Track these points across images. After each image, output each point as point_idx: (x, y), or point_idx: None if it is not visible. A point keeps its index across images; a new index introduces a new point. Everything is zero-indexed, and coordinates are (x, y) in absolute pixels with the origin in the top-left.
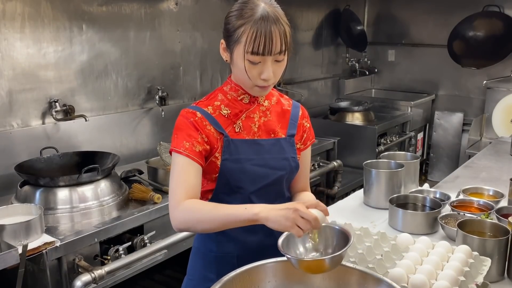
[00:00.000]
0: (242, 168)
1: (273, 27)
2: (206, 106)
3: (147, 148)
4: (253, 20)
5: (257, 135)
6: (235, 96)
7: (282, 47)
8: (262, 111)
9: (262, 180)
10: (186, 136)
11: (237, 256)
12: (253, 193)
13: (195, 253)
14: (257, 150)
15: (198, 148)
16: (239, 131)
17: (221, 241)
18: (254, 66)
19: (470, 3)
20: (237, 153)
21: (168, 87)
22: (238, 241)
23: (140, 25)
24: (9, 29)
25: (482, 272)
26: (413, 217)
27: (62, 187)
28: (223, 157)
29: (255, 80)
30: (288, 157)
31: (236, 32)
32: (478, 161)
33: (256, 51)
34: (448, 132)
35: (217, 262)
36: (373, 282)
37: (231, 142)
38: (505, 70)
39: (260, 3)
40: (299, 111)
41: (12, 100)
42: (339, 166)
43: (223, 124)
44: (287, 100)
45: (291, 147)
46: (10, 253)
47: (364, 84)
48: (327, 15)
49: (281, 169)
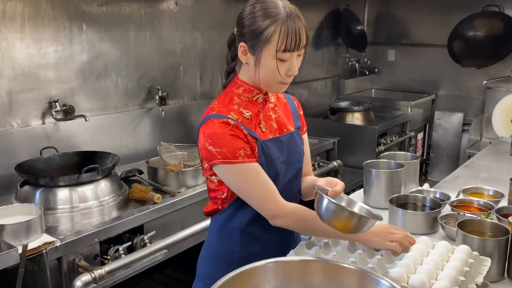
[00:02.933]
0: (275, 168)
1: (299, 23)
2: (229, 113)
3: (147, 148)
4: (280, 18)
5: (277, 132)
6: (250, 98)
7: (307, 41)
8: (272, 108)
9: (286, 176)
10: (234, 146)
11: (261, 255)
12: (280, 190)
13: (214, 257)
14: (281, 148)
15: (249, 151)
16: (265, 131)
17: (245, 241)
18: (283, 64)
19: (470, 3)
20: (270, 154)
21: (168, 87)
22: (262, 240)
23: (140, 25)
24: (9, 29)
25: (482, 272)
26: (413, 217)
27: (62, 187)
28: (260, 161)
29: (283, 77)
30: (301, 149)
31: (264, 32)
32: (478, 161)
33: (288, 48)
34: (448, 132)
35: (241, 263)
36: (373, 282)
37: (263, 144)
38: (505, 70)
39: (278, 2)
40: (294, 102)
41: (12, 100)
42: (339, 166)
43: (250, 127)
44: (280, 93)
45: (300, 139)
46: (10, 253)
47: (364, 84)
48: (327, 15)
49: (298, 162)
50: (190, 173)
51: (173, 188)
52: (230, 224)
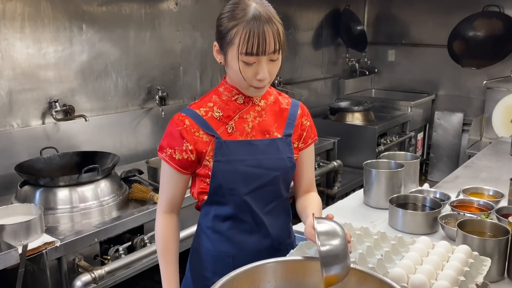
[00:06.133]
0: (234, 169)
1: (266, 27)
2: (199, 108)
3: (147, 148)
4: (245, 20)
5: (250, 135)
6: (229, 97)
7: (276, 46)
8: (257, 111)
9: (256, 181)
10: (170, 142)
11: (232, 256)
12: (247, 194)
13: (193, 252)
14: (250, 151)
15: (177, 156)
16: (231, 132)
17: (217, 240)
18: (249, 67)
19: (470, 3)
20: (229, 154)
21: (168, 87)
22: (234, 241)
23: (140, 25)
24: (9, 29)
25: (482, 272)
26: (413, 217)
27: (62, 187)
28: (215, 159)
29: (250, 81)
30: (284, 157)
31: (229, 33)
32: (478, 161)
33: (250, 52)
34: (448, 132)
35: (213, 261)
36: (373, 282)
37: (223, 144)
38: (505, 70)
39: (251, 3)
40: (297, 110)
41: (12, 100)
42: (339, 166)
43: (215, 126)
44: (286, 98)
45: (288, 147)
46: (10, 253)
47: (364, 84)
48: (327, 15)
49: (276, 170)
50: None
51: None
52: (204, 221)
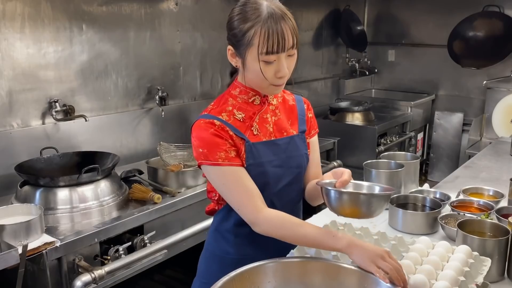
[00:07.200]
0: (264, 171)
1: (283, 23)
2: (220, 113)
3: (147, 148)
4: (261, 20)
5: (273, 135)
6: (246, 99)
7: (293, 41)
8: (272, 111)
9: (283, 181)
10: (215, 147)
11: (254, 259)
12: (275, 194)
13: (209, 257)
14: (275, 151)
15: (232, 154)
16: (257, 133)
17: (239, 244)
18: (269, 66)
19: (470, 3)
20: (259, 157)
21: (168, 87)
22: (257, 244)
23: (140, 25)
24: (9, 29)
25: (482, 272)
26: (413, 217)
27: (62, 187)
28: (247, 163)
29: (271, 80)
30: (303, 154)
31: (245, 35)
32: (478, 161)
33: (271, 51)
34: (448, 132)
35: (234, 265)
36: (373, 282)
37: (252, 147)
38: (505, 70)
39: (262, 2)
40: (303, 105)
41: (12, 100)
42: (339, 166)
43: (241, 128)
44: (289, 95)
45: (304, 143)
46: (10, 253)
47: (364, 84)
48: (327, 15)
49: (298, 167)
50: (190, 173)
51: (173, 188)
52: (224, 225)
